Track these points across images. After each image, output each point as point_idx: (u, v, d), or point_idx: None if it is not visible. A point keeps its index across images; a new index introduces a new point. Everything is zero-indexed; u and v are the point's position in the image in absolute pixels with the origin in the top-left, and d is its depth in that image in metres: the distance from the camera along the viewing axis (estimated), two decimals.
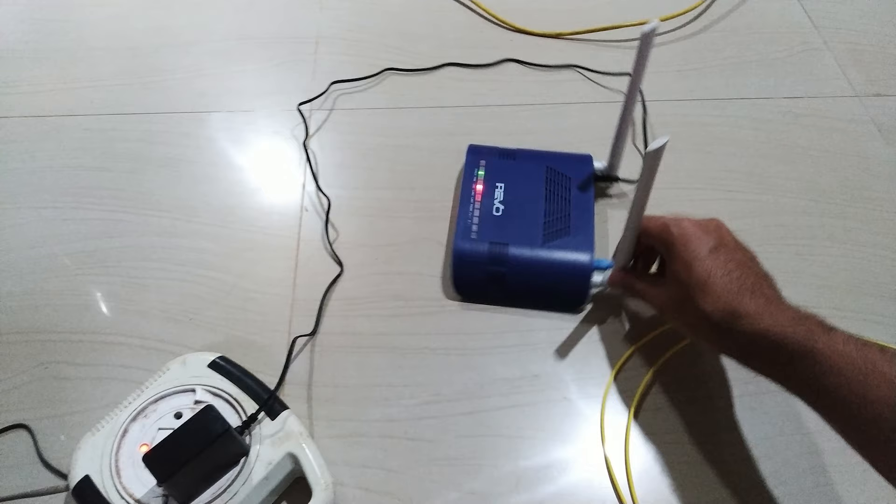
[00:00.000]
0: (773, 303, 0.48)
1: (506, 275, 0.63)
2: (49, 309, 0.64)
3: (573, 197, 0.67)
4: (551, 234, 0.64)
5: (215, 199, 0.72)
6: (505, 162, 0.70)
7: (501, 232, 0.64)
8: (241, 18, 0.91)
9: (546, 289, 0.64)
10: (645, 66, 0.58)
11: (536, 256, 0.63)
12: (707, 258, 0.50)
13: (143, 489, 0.49)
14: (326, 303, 0.64)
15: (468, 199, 0.67)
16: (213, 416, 0.48)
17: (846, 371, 0.42)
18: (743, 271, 0.49)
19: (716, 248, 0.50)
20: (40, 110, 0.80)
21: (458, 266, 0.64)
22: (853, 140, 0.79)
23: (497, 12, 0.91)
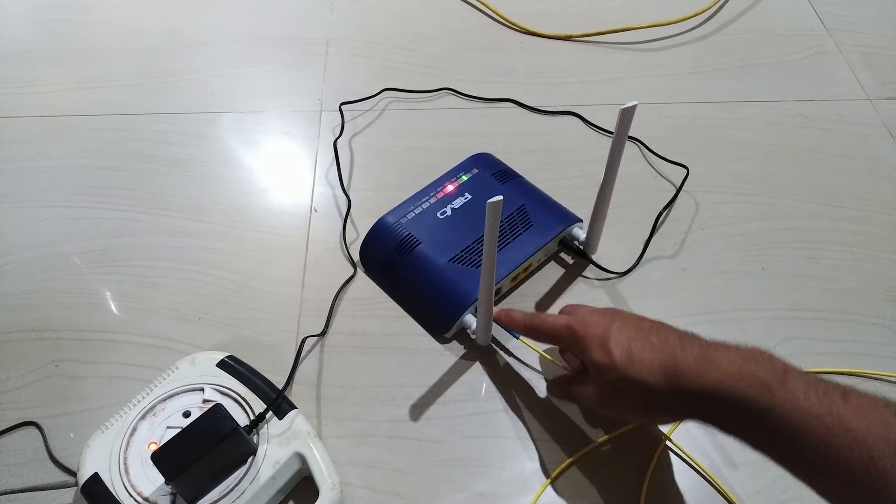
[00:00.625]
0: (710, 349, 0.45)
1: (399, 267, 0.64)
2: (60, 307, 0.64)
3: (517, 242, 0.64)
4: (463, 258, 0.62)
5: (226, 200, 0.72)
6: (492, 181, 0.68)
7: (426, 232, 0.64)
8: (252, 20, 0.92)
9: (420, 299, 0.64)
10: (624, 142, 0.53)
11: (432, 267, 0.62)
12: (621, 332, 0.47)
13: (151, 487, 0.50)
14: (338, 303, 0.64)
15: (431, 190, 0.67)
16: (222, 415, 0.49)
17: (811, 429, 0.39)
18: (659, 332, 0.47)
19: (622, 322, 0.48)
20: (53, 110, 0.81)
21: (369, 236, 0.66)
22: (864, 143, 0.78)
23: (507, 14, 0.91)
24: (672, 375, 0.44)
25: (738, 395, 0.41)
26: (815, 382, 0.41)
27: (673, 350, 0.45)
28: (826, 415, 0.39)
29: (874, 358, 0.62)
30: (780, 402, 0.40)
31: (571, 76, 0.85)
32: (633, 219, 0.71)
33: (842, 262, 0.68)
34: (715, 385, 0.42)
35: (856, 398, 0.40)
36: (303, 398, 0.59)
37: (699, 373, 0.43)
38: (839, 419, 0.39)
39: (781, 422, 0.40)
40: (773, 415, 0.40)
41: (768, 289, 0.66)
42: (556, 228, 0.65)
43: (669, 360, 0.45)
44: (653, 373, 0.45)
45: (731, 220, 0.71)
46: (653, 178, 0.75)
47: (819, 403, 0.39)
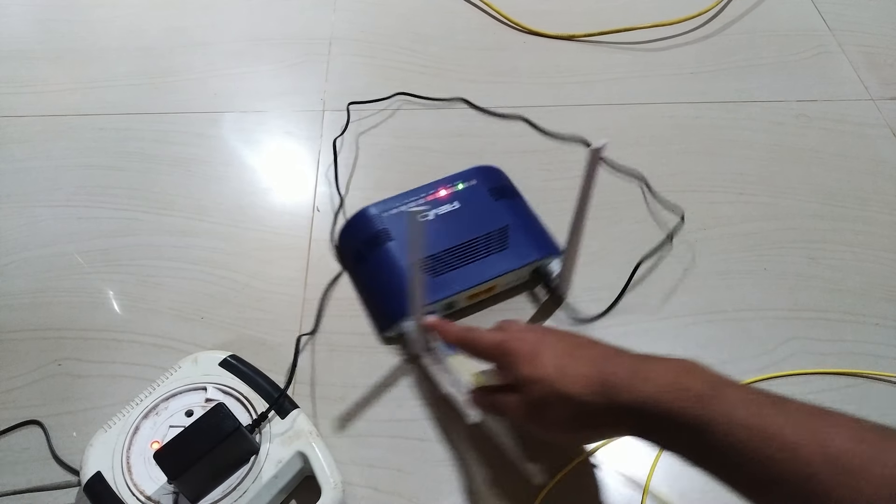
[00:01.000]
0: (643, 362, 0.44)
1: (365, 259, 0.64)
2: (63, 307, 0.64)
3: (487, 261, 0.62)
4: (426, 264, 0.61)
5: (228, 199, 0.72)
6: (486, 195, 0.67)
7: (401, 230, 0.64)
8: (254, 19, 0.92)
9: (372, 294, 0.64)
10: (593, 184, 0.51)
11: (393, 265, 0.62)
12: (552, 347, 0.47)
13: (153, 486, 0.50)
14: (328, 302, 0.65)
15: (423, 192, 0.67)
16: (224, 415, 0.49)
17: (746, 442, 0.38)
18: (591, 347, 0.47)
19: (554, 338, 0.48)
20: (55, 110, 0.81)
21: (349, 223, 0.67)
22: (867, 143, 0.78)
23: (509, 14, 0.91)
24: (605, 389, 0.43)
25: (671, 408, 0.41)
26: (750, 394, 0.40)
27: (605, 364, 0.45)
28: (761, 427, 0.38)
29: (876, 358, 0.62)
30: (715, 415, 0.39)
31: (573, 76, 0.85)
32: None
33: (843, 262, 0.68)
34: (648, 398, 0.42)
35: (791, 409, 0.39)
36: (304, 397, 0.59)
37: (632, 386, 0.42)
38: (775, 432, 0.38)
39: (716, 436, 0.39)
40: (707, 429, 0.39)
41: (770, 289, 0.66)
42: (529, 256, 0.63)
43: (602, 373, 0.44)
44: (585, 386, 0.44)
45: (732, 220, 0.71)
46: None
47: (754, 416, 0.39)
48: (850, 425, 0.38)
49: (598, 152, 0.48)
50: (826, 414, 0.39)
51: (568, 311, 0.65)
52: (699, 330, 0.64)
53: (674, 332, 0.63)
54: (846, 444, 0.36)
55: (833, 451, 0.36)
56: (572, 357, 0.46)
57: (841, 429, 0.37)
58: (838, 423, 0.38)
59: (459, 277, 0.61)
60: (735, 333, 0.63)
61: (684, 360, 0.44)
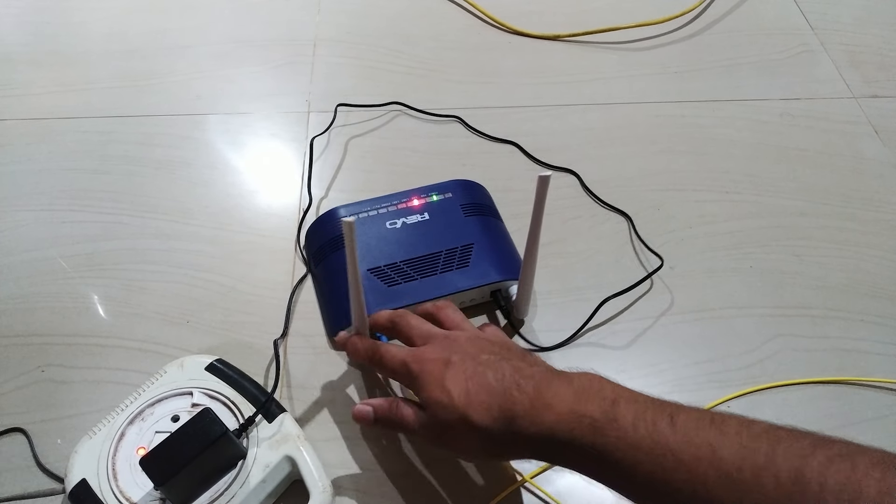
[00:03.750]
0: (544, 386, 0.44)
1: (324, 260, 0.64)
2: (46, 312, 0.64)
3: (443, 277, 0.61)
4: (383, 273, 0.60)
5: (213, 202, 0.72)
6: (458, 210, 0.65)
7: (365, 236, 0.62)
8: (238, 21, 0.91)
9: (325, 298, 0.64)
10: (543, 209, 0.50)
11: (342, 273, 0.58)
12: (458, 369, 0.46)
13: (140, 493, 0.49)
14: (294, 304, 0.64)
15: (396, 199, 0.66)
16: (211, 419, 0.48)
17: (642, 464, 0.39)
18: (499, 370, 0.45)
19: (462, 360, 0.46)
20: (37, 113, 0.80)
21: (316, 221, 0.67)
22: (850, 141, 0.79)
23: (495, 14, 0.91)
24: (508, 420, 0.43)
25: (570, 438, 0.41)
26: (644, 411, 0.41)
27: (509, 391, 0.44)
28: (655, 447, 0.39)
29: (861, 354, 0.62)
30: (611, 440, 0.40)
31: (559, 76, 0.85)
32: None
33: (828, 259, 0.69)
34: (548, 430, 0.42)
35: (683, 422, 0.39)
36: (292, 401, 0.58)
37: (533, 417, 0.42)
38: (669, 450, 0.38)
39: (614, 460, 0.40)
40: (605, 454, 0.40)
41: (756, 286, 0.67)
42: (488, 277, 0.61)
43: (506, 403, 0.43)
44: (490, 416, 0.43)
45: (717, 218, 0.72)
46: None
47: (648, 435, 0.39)
48: (740, 434, 0.38)
49: (546, 180, 0.48)
50: (719, 422, 0.39)
51: (525, 335, 0.63)
52: (686, 328, 0.64)
53: (662, 330, 0.64)
54: (736, 455, 0.37)
55: (725, 466, 0.37)
56: (478, 380, 0.45)
57: (733, 440, 0.38)
58: (729, 432, 0.38)
59: (415, 290, 0.60)
60: (721, 331, 0.64)
61: (583, 378, 0.44)
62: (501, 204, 0.69)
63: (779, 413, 0.59)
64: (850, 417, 0.59)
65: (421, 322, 0.52)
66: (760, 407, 0.59)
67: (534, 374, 0.45)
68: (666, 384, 0.60)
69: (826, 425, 0.58)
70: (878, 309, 0.65)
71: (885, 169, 0.76)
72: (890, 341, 0.63)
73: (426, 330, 0.51)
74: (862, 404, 0.59)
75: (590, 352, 0.62)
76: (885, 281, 0.67)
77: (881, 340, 0.63)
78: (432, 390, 0.46)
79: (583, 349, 0.62)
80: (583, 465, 0.43)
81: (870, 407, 0.59)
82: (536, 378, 0.45)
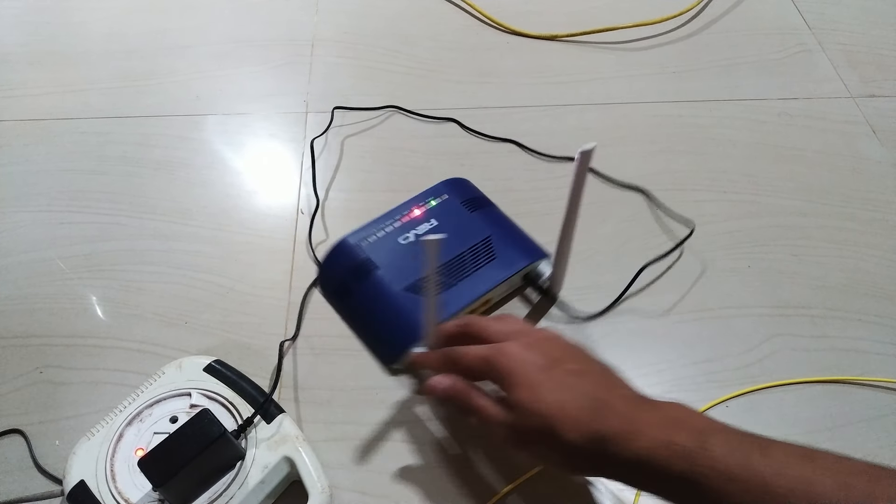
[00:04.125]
0: (636, 410, 0.43)
1: (353, 292, 0.61)
2: (44, 313, 0.64)
3: (478, 275, 0.61)
4: (419, 288, 0.59)
5: (211, 203, 0.72)
6: (461, 208, 0.65)
7: (385, 257, 0.61)
8: (237, 21, 0.91)
9: (371, 328, 0.61)
10: (584, 184, 0.52)
11: (387, 294, 0.59)
12: (550, 382, 0.44)
13: (138, 494, 0.49)
14: (309, 306, 0.64)
15: (397, 214, 0.64)
16: (209, 420, 0.48)
17: (734, 495, 0.38)
18: (590, 383, 0.45)
19: (551, 366, 0.45)
20: (35, 114, 0.80)
21: (329, 257, 0.63)
22: (848, 141, 0.79)
23: (493, 15, 0.91)
24: (598, 441, 0.42)
25: (661, 465, 0.40)
26: (735, 442, 0.40)
27: (601, 410, 0.43)
28: (748, 478, 0.38)
29: (860, 353, 0.62)
30: (703, 469, 0.39)
31: (557, 76, 0.85)
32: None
33: (827, 258, 0.69)
34: (638, 456, 0.41)
35: (779, 455, 0.39)
36: (290, 401, 0.58)
37: (625, 442, 0.42)
38: (762, 482, 0.38)
39: (704, 489, 0.39)
40: (699, 484, 0.39)
41: (754, 286, 0.67)
42: (520, 263, 0.62)
43: (597, 423, 0.42)
44: (580, 433, 0.42)
45: (716, 218, 0.72)
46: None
47: (740, 466, 0.39)
48: (837, 470, 0.37)
49: (588, 155, 0.48)
50: (813, 457, 0.39)
51: (563, 309, 0.65)
52: (685, 328, 0.64)
53: (662, 330, 0.64)
54: (834, 493, 0.36)
55: (821, 501, 0.36)
56: (574, 394, 0.44)
57: (828, 475, 0.37)
58: (825, 467, 0.38)
59: (457, 294, 0.59)
60: (720, 331, 0.64)
61: (674, 407, 0.43)
62: (502, 204, 0.69)
63: (777, 413, 0.59)
64: (848, 417, 0.59)
65: (491, 320, 0.50)
66: (759, 407, 0.59)
67: (625, 396, 0.44)
68: (665, 384, 0.60)
69: (824, 425, 0.58)
70: (877, 309, 0.65)
71: (884, 168, 0.76)
72: (889, 341, 0.63)
73: (499, 328, 0.49)
74: (860, 404, 0.59)
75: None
76: (883, 280, 0.67)
77: (880, 340, 0.63)
78: (523, 392, 0.44)
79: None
80: (670, 493, 0.42)
81: (868, 406, 0.59)
82: (628, 400, 0.44)
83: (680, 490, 0.41)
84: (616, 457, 0.42)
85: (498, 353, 0.46)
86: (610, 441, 0.42)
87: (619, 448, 0.42)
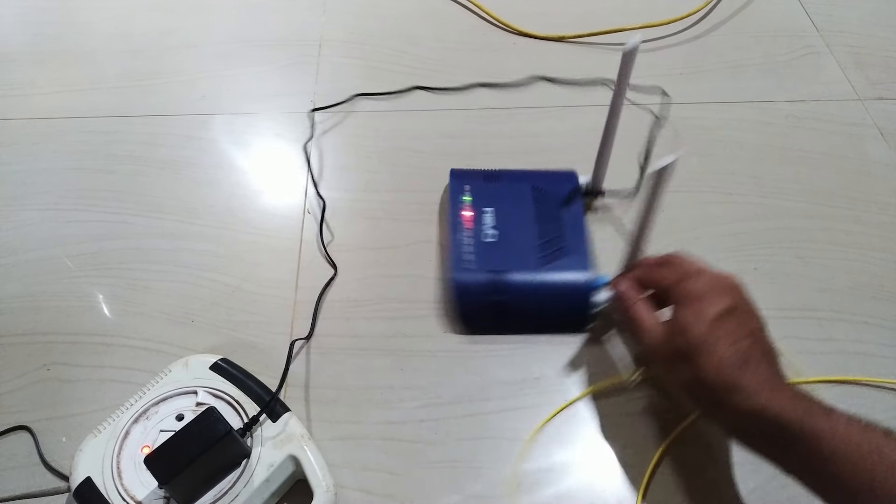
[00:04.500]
0: (773, 378, 0.46)
1: (508, 303, 0.61)
2: (51, 311, 0.64)
3: (563, 216, 0.65)
4: (547, 256, 0.62)
5: (218, 202, 0.72)
6: (490, 185, 0.68)
7: (498, 259, 0.62)
8: (244, 21, 0.91)
9: (549, 313, 0.62)
10: (627, 81, 0.57)
11: (536, 281, 0.61)
12: (719, 321, 0.47)
13: (144, 491, 0.49)
14: (322, 305, 0.64)
15: (458, 227, 0.65)
16: (216, 418, 0.48)
17: (851, 457, 0.40)
18: (751, 343, 0.47)
19: (729, 311, 0.47)
20: (42, 112, 0.80)
21: (458, 298, 0.62)
22: (855, 143, 0.79)
23: (499, 15, 0.91)
24: (729, 390, 0.45)
25: (781, 415, 0.43)
26: (859, 420, 0.43)
27: (746, 367, 0.45)
28: (867, 447, 0.40)
29: (866, 357, 0.62)
30: (824, 429, 0.42)
31: (563, 77, 0.85)
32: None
33: (833, 261, 0.69)
34: (761, 407, 0.44)
35: (880, 431, 0.42)
36: (296, 401, 0.59)
37: (752, 395, 0.44)
38: (880, 451, 0.40)
39: (821, 448, 0.41)
40: (814, 440, 0.42)
41: (760, 288, 0.66)
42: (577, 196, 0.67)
43: (737, 375, 0.45)
44: (719, 376, 0.45)
45: (722, 220, 0.71)
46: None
47: (861, 435, 0.41)
48: None
49: (632, 55, 0.52)
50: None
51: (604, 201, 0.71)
52: None
53: None
54: None
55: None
56: (730, 340, 0.46)
57: None
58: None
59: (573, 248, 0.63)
60: None
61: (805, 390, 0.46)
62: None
63: None
64: None
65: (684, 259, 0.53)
66: None
67: (772, 367, 0.47)
68: None
69: None
70: (884, 311, 0.65)
71: (891, 171, 0.76)
72: (895, 343, 0.63)
73: (702, 266, 0.52)
74: (869, 405, 0.59)
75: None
76: (890, 283, 0.67)
77: (887, 343, 0.63)
78: (689, 314, 0.47)
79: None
80: (785, 456, 0.44)
81: (876, 408, 0.59)
82: (771, 370, 0.46)
83: (789, 447, 0.43)
84: (737, 407, 0.45)
85: (695, 277, 0.50)
86: (738, 392, 0.44)
87: (744, 399, 0.44)
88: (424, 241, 0.69)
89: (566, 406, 0.59)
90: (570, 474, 0.55)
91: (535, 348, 0.62)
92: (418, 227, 0.70)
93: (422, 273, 0.67)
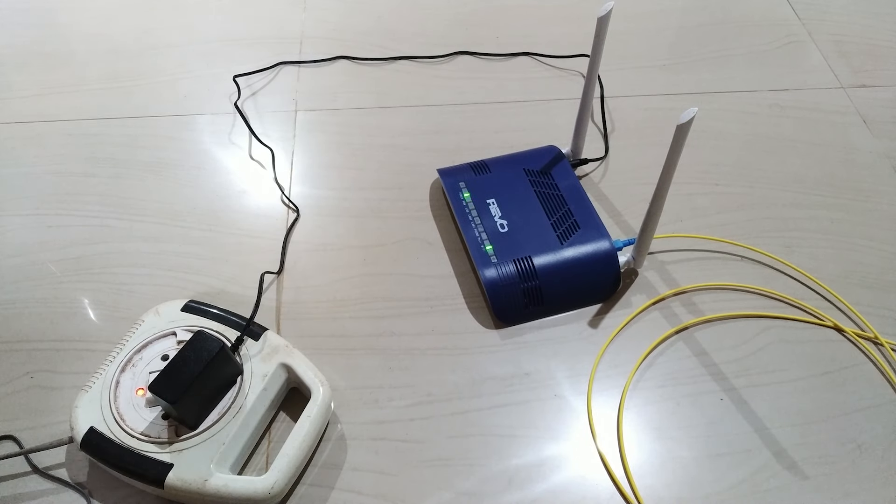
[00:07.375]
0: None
1: (541, 287, 0.62)
2: (34, 317, 0.63)
3: (562, 190, 0.67)
4: (564, 233, 0.64)
5: (201, 203, 0.71)
6: (482, 176, 0.69)
7: (518, 247, 0.63)
8: (224, 20, 0.91)
9: (583, 287, 0.64)
10: (601, 48, 0.60)
11: (563, 259, 0.63)
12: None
13: (151, 425, 0.52)
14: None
15: (469, 224, 0.66)
16: (207, 337, 0.51)
17: None
18: None
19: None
20: (23, 116, 0.79)
21: (494, 295, 0.62)
22: (839, 131, 0.79)
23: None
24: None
25: None
26: None
27: None
28: None
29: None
30: None
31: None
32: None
33: (819, 249, 0.69)
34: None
35: None
36: (286, 400, 0.58)
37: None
38: None
39: None
40: None
41: (747, 278, 0.67)
42: (568, 167, 0.70)
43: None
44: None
45: (708, 210, 0.72)
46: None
47: None
48: None
49: (607, 17, 0.55)
50: None
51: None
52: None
53: (657, 323, 0.63)
54: None
55: None
56: None
57: None
58: None
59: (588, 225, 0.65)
60: (713, 323, 0.64)
61: None
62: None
63: (773, 404, 0.59)
64: (845, 408, 0.59)
65: None
66: (755, 399, 0.59)
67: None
68: (658, 378, 0.60)
69: (822, 416, 0.58)
70: (870, 299, 0.65)
71: (875, 158, 0.76)
72: (882, 331, 0.63)
73: None
74: (856, 394, 0.59)
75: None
76: (875, 270, 0.67)
77: (876, 331, 0.63)
78: None
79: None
80: None
81: (863, 397, 0.59)
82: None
83: None
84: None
85: None
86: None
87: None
88: (411, 238, 0.69)
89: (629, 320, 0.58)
90: (561, 469, 0.55)
91: (525, 344, 0.62)
92: (404, 224, 0.70)
93: (409, 270, 0.66)
